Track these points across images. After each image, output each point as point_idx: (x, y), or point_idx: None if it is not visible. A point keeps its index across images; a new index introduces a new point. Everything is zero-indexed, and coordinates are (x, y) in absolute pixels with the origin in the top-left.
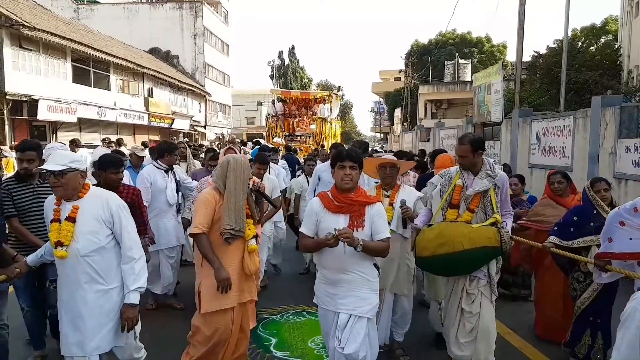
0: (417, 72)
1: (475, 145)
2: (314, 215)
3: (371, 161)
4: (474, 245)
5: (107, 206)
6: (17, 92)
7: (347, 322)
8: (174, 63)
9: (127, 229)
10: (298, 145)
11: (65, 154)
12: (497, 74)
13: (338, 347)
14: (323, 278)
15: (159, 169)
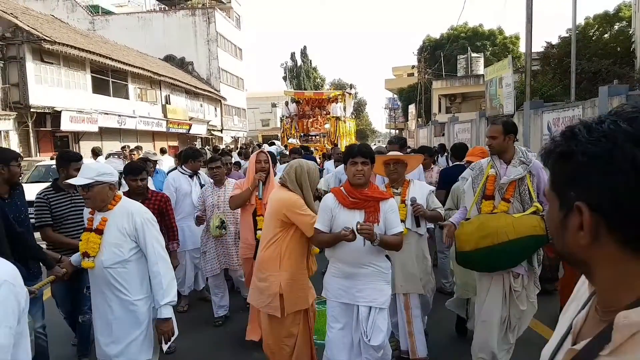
0: (430, 67)
1: (507, 127)
2: (328, 211)
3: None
4: (519, 235)
5: (132, 220)
6: (40, 105)
7: (368, 314)
8: (189, 69)
9: (151, 243)
10: (313, 145)
11: (93, 166)
12: (507, 68)
13: (365, 339)
14: (337, 272)
15: (183, 174)
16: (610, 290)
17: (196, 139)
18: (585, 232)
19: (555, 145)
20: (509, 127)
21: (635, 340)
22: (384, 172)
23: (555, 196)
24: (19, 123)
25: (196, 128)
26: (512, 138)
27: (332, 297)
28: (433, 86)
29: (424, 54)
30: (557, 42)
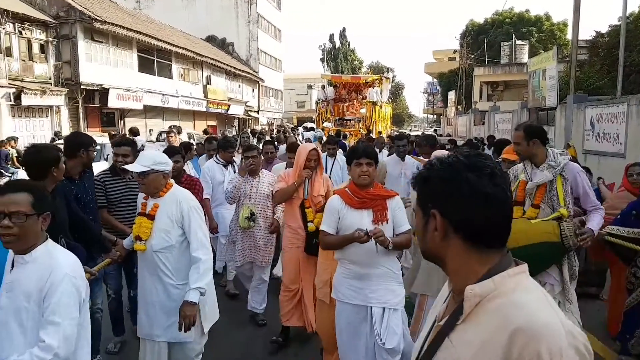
0: (472, 53)
1: (528, 132)
2: (335, 212)
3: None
4: (530, 242)
5: (180, 207)
6: (90, 82)
7: (382, 316)
8: (229, 50)
9: (195, 230)
10: (348, 130)
11: (150, 155)
12: (552, 60)
13: (379, 342)
14: (348, 272)
15: (217, 163)
16: (459, 276)
17: (234, 120)
18: (438, 231)
19: (419, 172)
20: (532, 131)
21: (480, 307)
22: None
23: (420, 209)
24: (70, 99)
25: (234, 109)
26: (537, 142)
27: (344, 298)
28: (475, 73)
29: (467, 39)
30: (607, 30)
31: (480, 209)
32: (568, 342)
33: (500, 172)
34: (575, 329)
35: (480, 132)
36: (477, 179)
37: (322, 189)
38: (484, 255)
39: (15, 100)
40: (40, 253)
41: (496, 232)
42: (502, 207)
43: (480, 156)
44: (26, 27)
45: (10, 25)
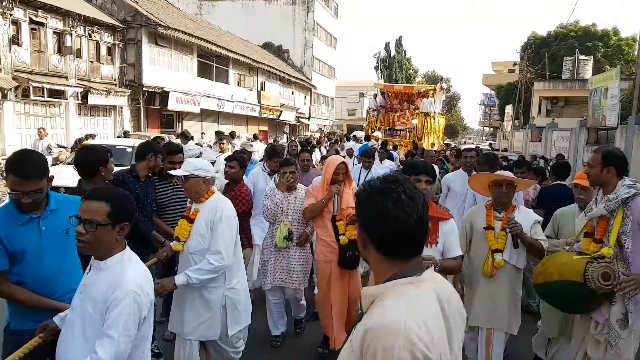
0: (532, 66)
1: (606, 157)
2: None
3: (482, 177)
4: (561, 278)
5: (215, 214)
6: (151, 85)
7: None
8: (284, 57)
9: (216, 237)
10: (398, 141)
11: (193, 161)
12: (614, 78)
13: None
14: None
15: (263, 171)
16: (378, 279)
17: (284, 125)
18: (360, 241)
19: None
20: (610, 158)
21: (372, 306)
22: (490, 192)
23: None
24: (132, 100)
25: (286, 115)
26: (613, 171)
27: None
28: (534, 87)
29: (528, 52)
30: None
31: (382, 226)
32: (404, 344)
33: (410, 196)
34: (422, 338)
35: (536, 149)
36: (382, 202)
37: (352, 201)
38: (390, 263)
39: (82, 99)
40: (115, 262)
41: (397, 246)
42: (401, 226)
43: (394, 181)
44: (95, 30)
45: (81, 29)
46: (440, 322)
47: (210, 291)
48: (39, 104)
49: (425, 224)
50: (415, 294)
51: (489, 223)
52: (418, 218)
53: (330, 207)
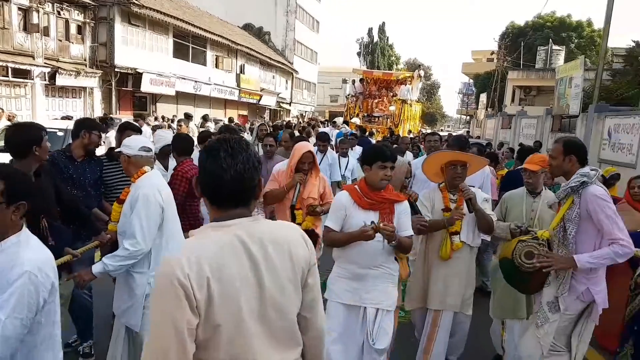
0: (509, 55)
1: (567, 146)
2: (342, 209)
3: (439, 157)
4: (502, 255)
5: (136, 193)
6: (124, 65)
7: (375, 317)
8: (265, 40)
9: (133, 219)
10: (376, 127)
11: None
12: (579, 68)
13: (370, 342)
14: (346, 273)
15: None
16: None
17: (265, 110)
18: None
19: None
20: (570, 147)
21: None
22: (443, 175)
23: None
24: (103, 81)
25: (266, 99)
26: (574, 160)
27: (337, 298)
28: (509, 76)
29: (505, 41)
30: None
31: (202, 178)
32: (164, 272)
33: (231, 154)
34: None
35: (506, 136)
36: (205, 158)
37: (316, 191)
38: (213, 209)
39: (49, 79)
40: (10, 245)
41: (214, 197)
42: (216, 179)
43: (221, 140)
44: (64, 7)
45: (49, 5)
46: (237, 260)
47: (133, 277)
48: (2, 84)
49: (247, 180)
50: (210, 235)
51: (446, 205)
52: (236, 174)
53: (290, 194)
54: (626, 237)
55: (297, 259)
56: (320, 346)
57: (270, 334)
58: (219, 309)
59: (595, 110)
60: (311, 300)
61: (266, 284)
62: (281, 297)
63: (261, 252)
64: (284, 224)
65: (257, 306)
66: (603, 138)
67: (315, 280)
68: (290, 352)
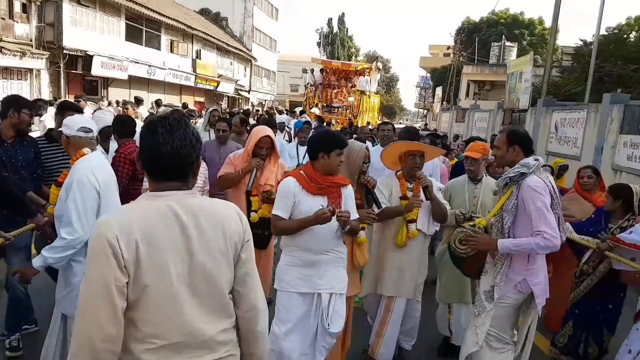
0: (465, 51)
1: (511, 136)
2: (291, 196)
3: (398, 147)
4: (446, 240)
5: (71, 177)
6: (73, 47)
7: (329, 301)
8: (222, 25)
9: (68, 204)
10: (335, 118)
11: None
12: (528, 64)
13: (325, 326)
14: (297, 260)
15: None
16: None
17: (223, 98)
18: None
19: None
20: (514, 136)
21: None
22: (400, 163)
23: None
24: (51, 63)
25: (224, 86)
26: (518, 150)
27: (290, 287)
28: (464, 70)
29: (461, 36)
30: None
31: (141, 152)
32: (97, 234)
33: (169, 130)
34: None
35: (460, 129)
36: (144, 133)
37: (274, 178)
38: (151, 181)
39: None
40: None
41: (150, 169)
42: (152, 153)
43: (161, 118)
44: None
45: None
46: (167, 227)
47: (71, 265)
48: None
49: (184, 156)
50: (143, 203)
51: (404, 193)
52: (172, 149)
53: (246, 180)
54: (552, 230)
55: (230, 233)
56: (254, 322)
57: (200, 302)
58: (147, 270)
59: (544, 105)
60: (244, 274)
61: (196, 252)
62: (211, 267)
63: (193, 222)
64: (220, 201)
65: (186, 272)
66: (550, 131)
67: (248, 256)
68: (219, 322)
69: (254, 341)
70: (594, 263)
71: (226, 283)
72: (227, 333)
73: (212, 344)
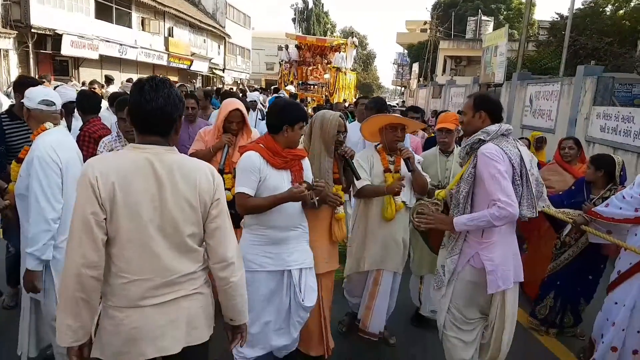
0: (441, 26)
1: (478, 102)
2: (256, 172)
3: (379, 119)
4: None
5: (32, 153)
6: (41, 26)
7: (300, 277)
8: (195, 2)
9: (33, 184)
10: (311, 95)
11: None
12: (503, 37)
13: (300, 301)
14: (264, 239)
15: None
16: None
17: (197, 76)
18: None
19: None
20: (481, 102)
21: None
22: (382, 137)
23: None
24: (19, 43)
25: (197, 65)
26: (485, 117)
27: (258, 267)
28: (440, 46)
29: (437, 11)
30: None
31: (132, 107)
32: (83, 172)
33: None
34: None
35: (437, 105)
36: (133, 90)
37: None
38: (137, 134)
39: None
40: None
41: (137, 123)
42: (139, 109)
43: (148, 79)
44: None
45: None
46: (142, 175)
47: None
48: None
49: (166, 113)
50: (125, 153)
51: (385, 166)
52: (156, 105)
53: (218, 157)
54: (507, 198)
55: (201, 189)
56: (226, 273)
57: (169, 245)
58: (122, 212)
59: (518, 79)
60: (214, 229)
61: (167, 202)
62: (178, 216)
63: (166, 174)
64: (197, 161)
65: (157, 218)
66: (525, 105)
67: (219, 212)
68: (186, 264)
69: (230, 292)
70: (575, 235)
71: (191, 232)
72: (195, 275)
73: (180, 282)
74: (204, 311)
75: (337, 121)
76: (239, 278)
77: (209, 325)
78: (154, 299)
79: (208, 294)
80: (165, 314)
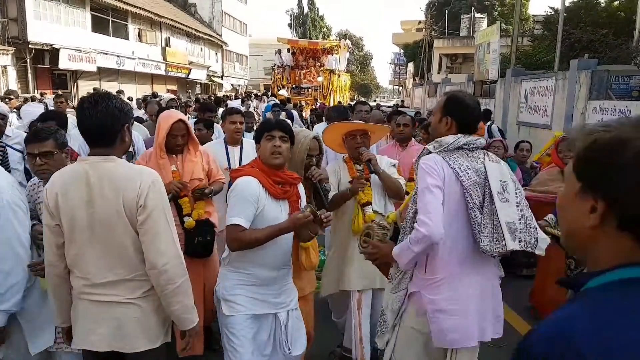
0: (436, 24)
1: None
2: (255, 201)
3: (336, 128)
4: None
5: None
6: (39, 41)
7: (287, 320)
8: (191, 12)
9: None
10: (305, 99)
11: None
12: (495, 34)
13: (286, 351)
14: (251, 279)
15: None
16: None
17: (195, 85)
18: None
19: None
20: (452, 106)
21: None
22: (345, 146)
23: None
24: (17, 59)
25: (196, 73)
26: (451, 124)
27: (245, 310)
28: (435, 44)
29: (431, 10)
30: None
31: (78, 126)
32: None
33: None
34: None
35: (433, 104)
36: (76, 109)
37: (200, 170)
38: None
39: None
40: None
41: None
42: (80, 125)
43: (87, 96)
44: None
45: None
46: (77, 184)
47: None
48: None
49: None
50: (72, 165)
51: (353, 176)
52: (96, 120)
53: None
54: (424, 216)
55: (126, 198)
56: (158, 282)
57: (101, 250)
58: (63, 217)
59: (512, 75)
60: (142, 234)
61: (97, 207)
62: (109, 221)
63: (97, 182)
64: (132, 168)
65: (91, 223)
66: (520, 101)
67: (146, 218)
68: (120, 269)
69: (167, 300)
70: None
71: (122, 238)
72: (131, 284)
73: (114, 286)
74: (139, 323)
75: (307, 145)
76: (177, 286)
77: (147, 337)
78: (91, 296)
79: (147, 308)
80: (98, 313)
